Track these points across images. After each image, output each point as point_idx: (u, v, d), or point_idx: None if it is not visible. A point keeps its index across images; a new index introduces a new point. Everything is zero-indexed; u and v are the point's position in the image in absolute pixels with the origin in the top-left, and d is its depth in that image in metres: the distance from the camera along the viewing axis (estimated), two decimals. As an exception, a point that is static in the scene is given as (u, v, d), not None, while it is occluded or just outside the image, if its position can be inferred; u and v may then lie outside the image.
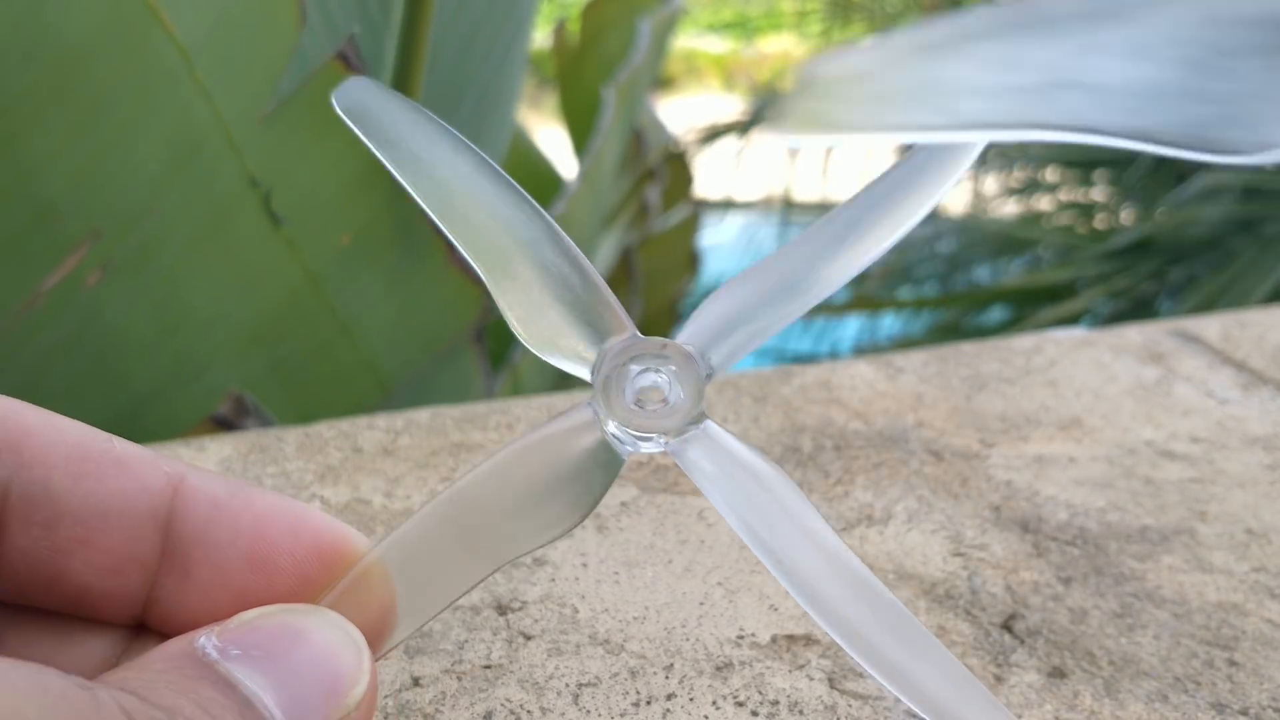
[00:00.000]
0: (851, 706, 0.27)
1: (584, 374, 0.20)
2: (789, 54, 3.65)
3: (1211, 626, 0.30)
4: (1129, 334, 0.49)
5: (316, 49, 0.64)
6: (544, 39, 1.62)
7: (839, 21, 2.54)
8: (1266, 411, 0.42)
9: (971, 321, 1.66)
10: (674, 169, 1.23)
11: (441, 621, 0.30)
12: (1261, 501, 0.36)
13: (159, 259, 0.56)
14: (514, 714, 0.27)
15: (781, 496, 0.19)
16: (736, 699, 0.27)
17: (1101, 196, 1.70)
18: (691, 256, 1.37)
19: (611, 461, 0.19)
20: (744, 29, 4.10)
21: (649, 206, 1.17)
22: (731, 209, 2.22)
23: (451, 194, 0.21)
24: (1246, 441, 0.40)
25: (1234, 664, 0.29)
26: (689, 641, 0.29)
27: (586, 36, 1.15)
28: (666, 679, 0.28)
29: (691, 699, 0.27)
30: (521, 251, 0.20)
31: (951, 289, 1.84)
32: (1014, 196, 1.84)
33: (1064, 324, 1.38)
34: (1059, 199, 1.78)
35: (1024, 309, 1.55)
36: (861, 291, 1.90)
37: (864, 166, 2.34)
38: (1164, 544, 0.34)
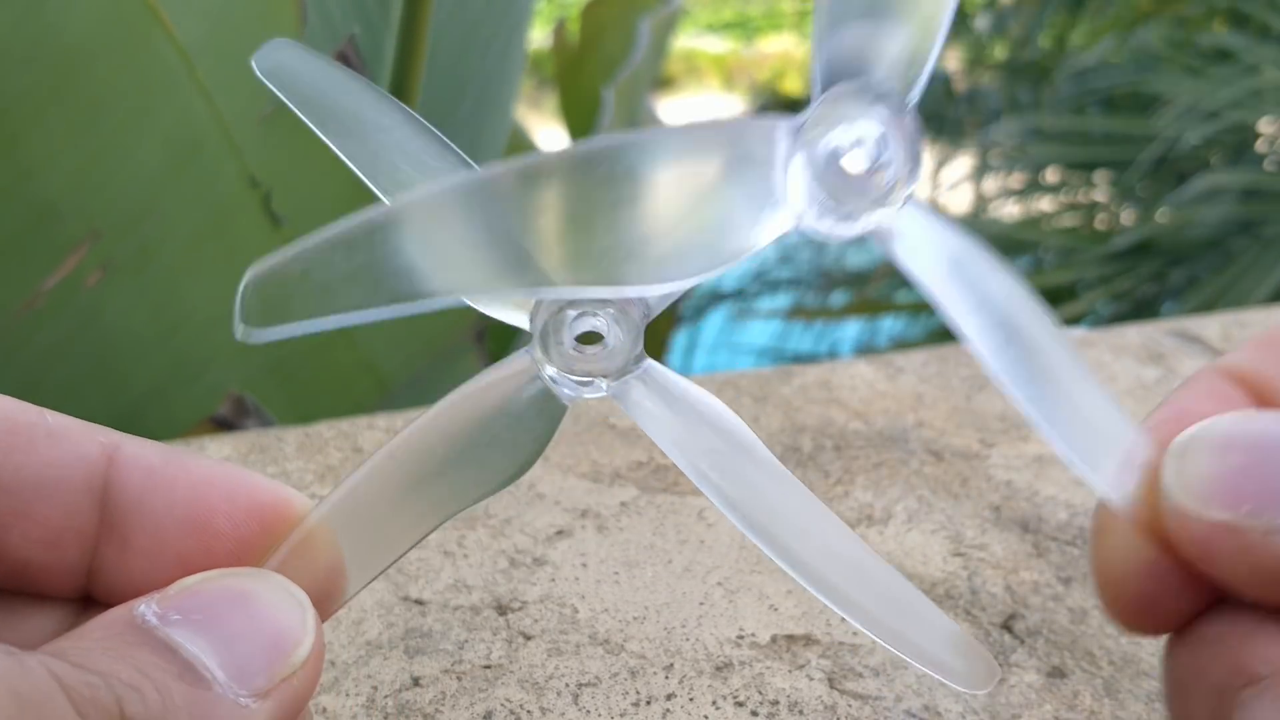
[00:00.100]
0: (851, 706, 0.27)
1: (522, 322, 0.19)
2: (789, 54, 3.65)
3: (1211, 626, 0.30)
4: (1129, 334, 0.49)
5: (317, 48, 0.64)
6: (544, 39, 1.62)
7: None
8: (1266, 411, 0.42)
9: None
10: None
11: (441, 621, 0.30)
12: (1261, 501, 0.36)
13: (159, 259, 0.56)
14: (514, 714, 0.27)
15: (730, 432, 0.19)
16: (736, 699, 0.27)
17: (1102, 197, 1.70)
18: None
19: (554, 409, 0.19)
20: (744, 29, 4.10)
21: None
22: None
23: (376, 149, 0.20)
24: (1246, 441, 0.40)
25: (1234, 664, 0.29)
26: (689, 641, 0.29)
27: (586, 36, 1.15)
28: (666, 679, 0.28)
29: (691, 699, 0.27)
30: None
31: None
32: (1014, 198, 1.84)
33: (1064, 325, 1.38)
34: (1060, 200, 1.78)
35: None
36: (861, 295, 1.90)
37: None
38: (1164, 544, 0.34)
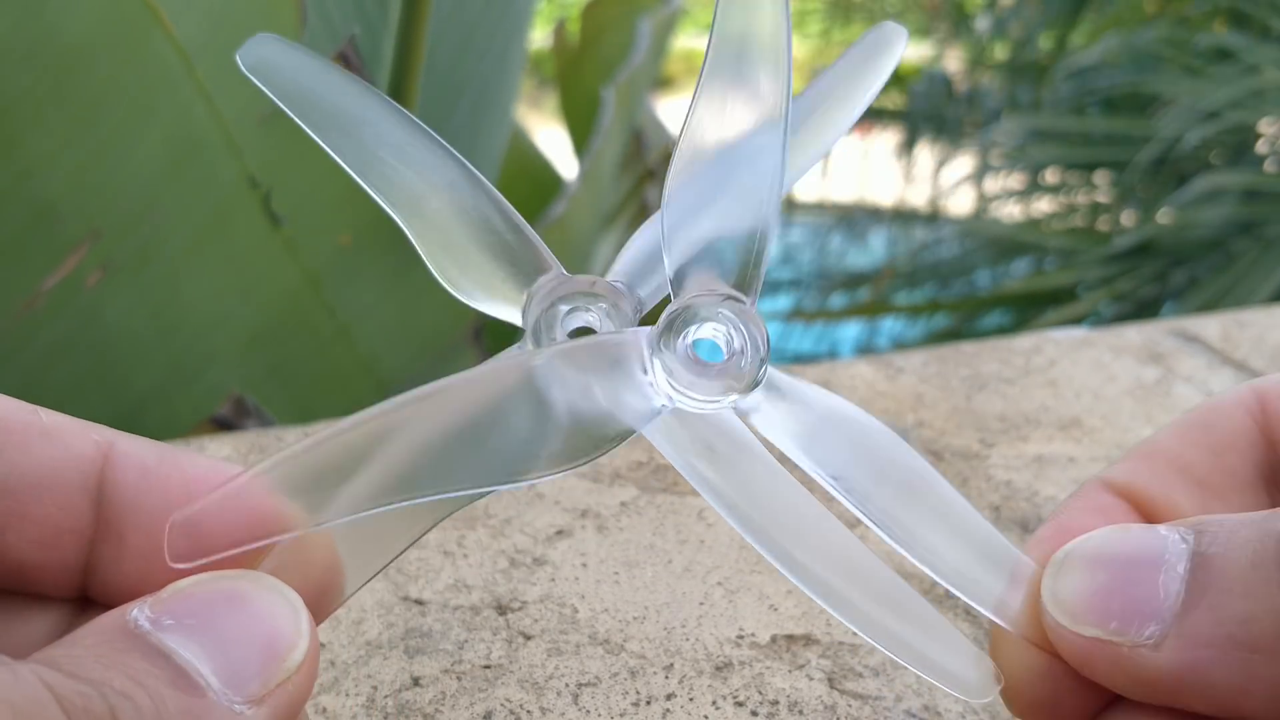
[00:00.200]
0: (851, 706, 0.27)
1: (515, 318, 0.19)
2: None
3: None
4: (1129, 334, 0.49)
5: (316, 49, 0.64)
6: (544, 39, 1.62)
7: (839, 21, 2.54)
8: (1266, 412, 0.42)
9: (972, 327, 1.66)
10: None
11: (441, 621, 0.30)
12: (1261, 501, 0.36)
13: (159, 259, 0.56)
14: (514, 714, 0.27)
15: (730, 432, 0.19)
16: (736, 699, 0.27)
17: (1103, 198, 1.70)
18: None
19: (545, 411, 0.18)
20: (744, 30, 4.09)
21: (649, 206, 1.17)
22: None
23: (362, 142, 0.20)
24: (1246, 441, 0.40)
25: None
26: (689, 641, 0.29)
27: (586, 36, 1.15)
28: (666, 679, 0.28)
29: (691, 699, 0.27)
30: (438, 195, 0.20)
31: (951, 293, 1.84)
32: (1015, 199, 1.84)
33: (1065, 326, 1.38)
34: (1060, 201, 1.78)
35: (1025, 313, 1.55)
36: (861, 297, 1.90)
37: (863, 167, 2.34)
38: (1164, 544, 0.34)
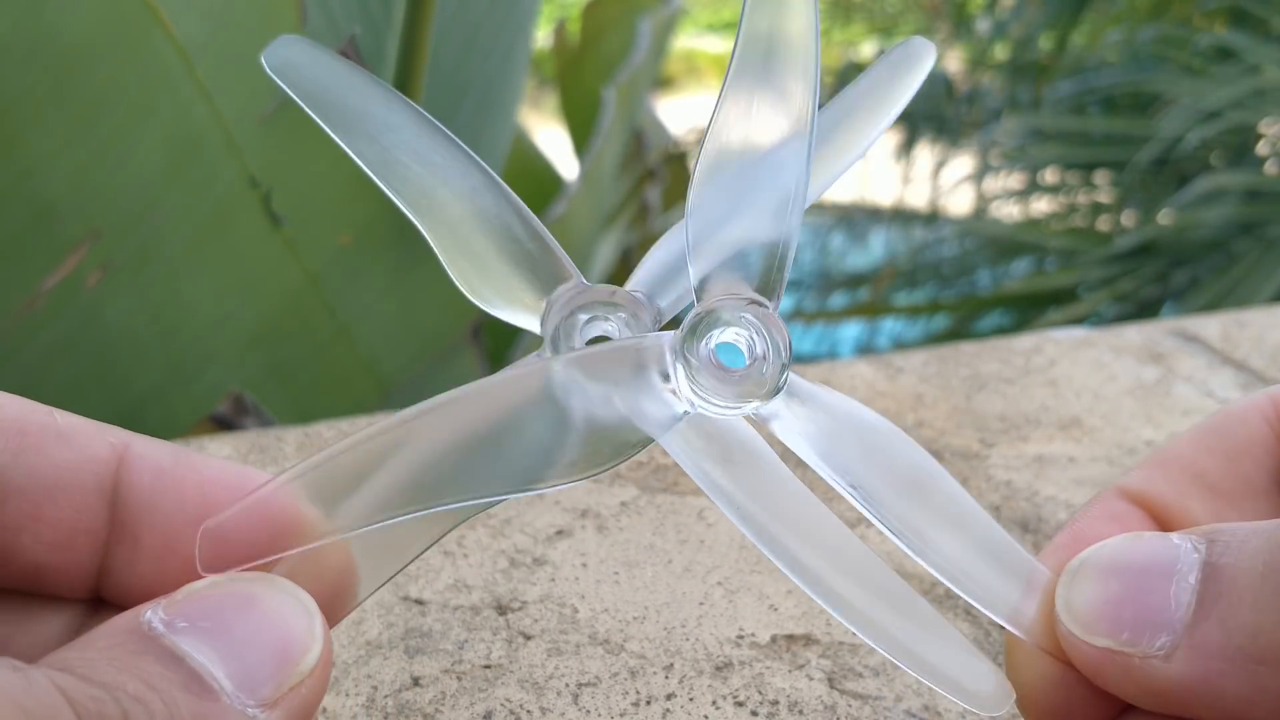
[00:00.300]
0: (851, 706, 0.27)
1: (533, 326, 0.19)
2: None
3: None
4: (1129, 334, 0.49)
5: (317, 49, 0.64)
6: (544, 39, 1.62)
7: (839, 21, 2.54)
8: (1267, 412, 0.42)
9: (972, 327, 1.66)
10: (674, 169, 1.23)
11: (441, 621, 0.30)
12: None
13: (159, 259, 0.56)
14: (514, 714, 0.27)
15: (744, 439, 0.19)
16: (736, 699, 0.27)
17: (1103, 198, 1.70)
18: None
19: (564, 419, 0.18)
20: (744, 29, 4.09)
21: (649, 207, 1.17)
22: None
23: (384, 146, 0.20)
24: (1247, 442, 0.40)
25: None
26: (689, 641, 0.29)
27: (586, 36, 1.15)
28: (666, 679, 0.28)
29: (691, 699, 0.27)
30: (460, 201, 0.20)
31: (951, 293, 1.84)
32: (1015, 199, 1.84)
33: (1066, 327, 1.38)
34: (1060, 201, 1.78)
35: (1026, 314, 1.55)
36: (861, 298, 1.90)
37: (863, 167, 2.34)
38: (1164, 544, 0.34)
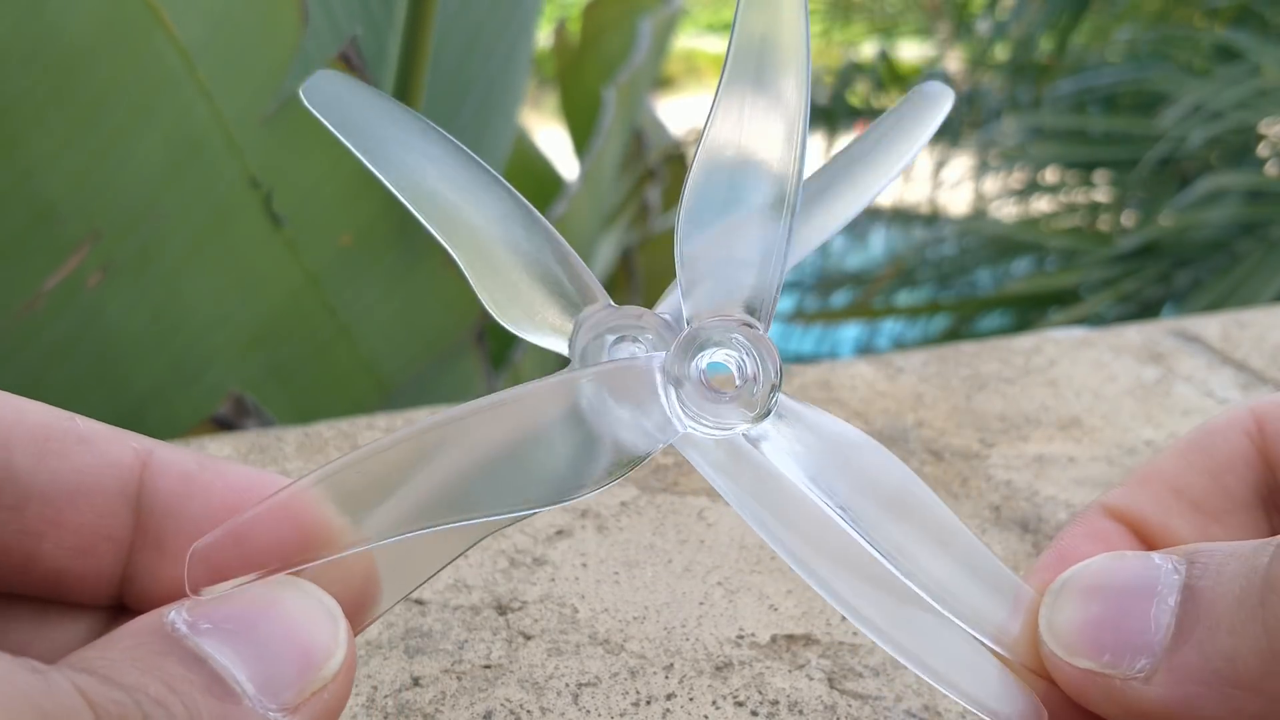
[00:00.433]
0: (851, 706, 0.27)
1: (561, 348, 0.20)
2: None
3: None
4: (1129, 334, 0.49)
5: (319, 49, 0.64)
6: (544, 39, 1.62)
7: (839, 21, 2.54)
8: (1267, 412, 0.42)
9: (973, 328, 1.65)
10: (674, 169, 1.23)
11: (441, 621, 0.30)
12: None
13: (159, 260, 0.56)
14: (514, 714, 0.27)
15: (759, 468, 0.19)
16: (736, 699, 0.27)
17: (1102, 198, 1.70)
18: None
19: (591, 439, 0.19)
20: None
21: (649, 207, 1.17)
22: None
23: (421, 177, 0.20)
24: (1247, 442, 0.40)
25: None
26: (689, 641, 0.29)
27: (587, 36, 1.15)
28: (666, 679, 0.28)
29: (691, 699, 0.27)
30: (492, 229, 0.20)
31: (951, 293, 1.84)
32: (1014, 198, 1.84)
33: (1067, 327, 1.37)
34: (1060, 200, 1.78)
35: (1028, 314, 1.55)
36: (861, 298, 1.90)
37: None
38: (1164, 544, 0.34)
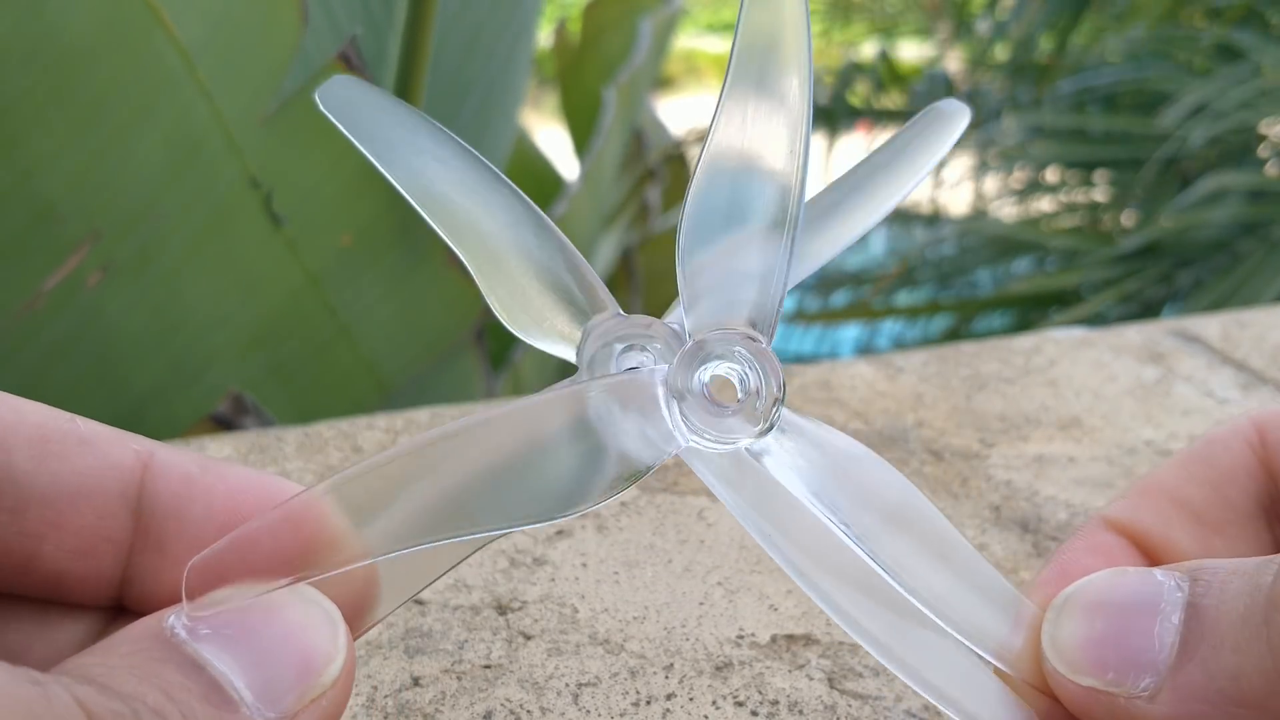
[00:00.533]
0: (851, 706, 0.27)
1: (569, 355, 0.20)
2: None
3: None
4: (1129, 334, 0.49)
5: (319, 49, 0.64)
6: (544, 39, 1.62)
7: (839, 21, 2.54)
8: (1267, 412, 0.42)
9: (973, 328, 1.65)
10: (674, 169, 1.23)
11: (441, 621, 0.30)
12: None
13: (159, 260, 0.56)
14: (514, 714, 0.27)
15: (763, 480, 0.19)
16: (736, 699, 0.27)
17: (1102, 197, 1.70)
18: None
19: (599, 451, 0.19)
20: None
21: (649, 207, 1.17)
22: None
23: (432, 181, 0.21)
24: (1247, 442, 0.40)
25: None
26: (689, 641, 0.29)
27: (587, 36, 1.15)
28: (666, 679, 0.28)
29: (691, 699, 0.27)
30: (502, 235, 0.20)
31: (952, 293, 1.84)
32: (1015, 198, 1.84)
33: (1068, 327, 1.37)
34: (1060, 200, 1.77)
35: (1028, 315, 1.55)
36: (861, 298, 1.89)
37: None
38: (1164, 544, 0.34)
